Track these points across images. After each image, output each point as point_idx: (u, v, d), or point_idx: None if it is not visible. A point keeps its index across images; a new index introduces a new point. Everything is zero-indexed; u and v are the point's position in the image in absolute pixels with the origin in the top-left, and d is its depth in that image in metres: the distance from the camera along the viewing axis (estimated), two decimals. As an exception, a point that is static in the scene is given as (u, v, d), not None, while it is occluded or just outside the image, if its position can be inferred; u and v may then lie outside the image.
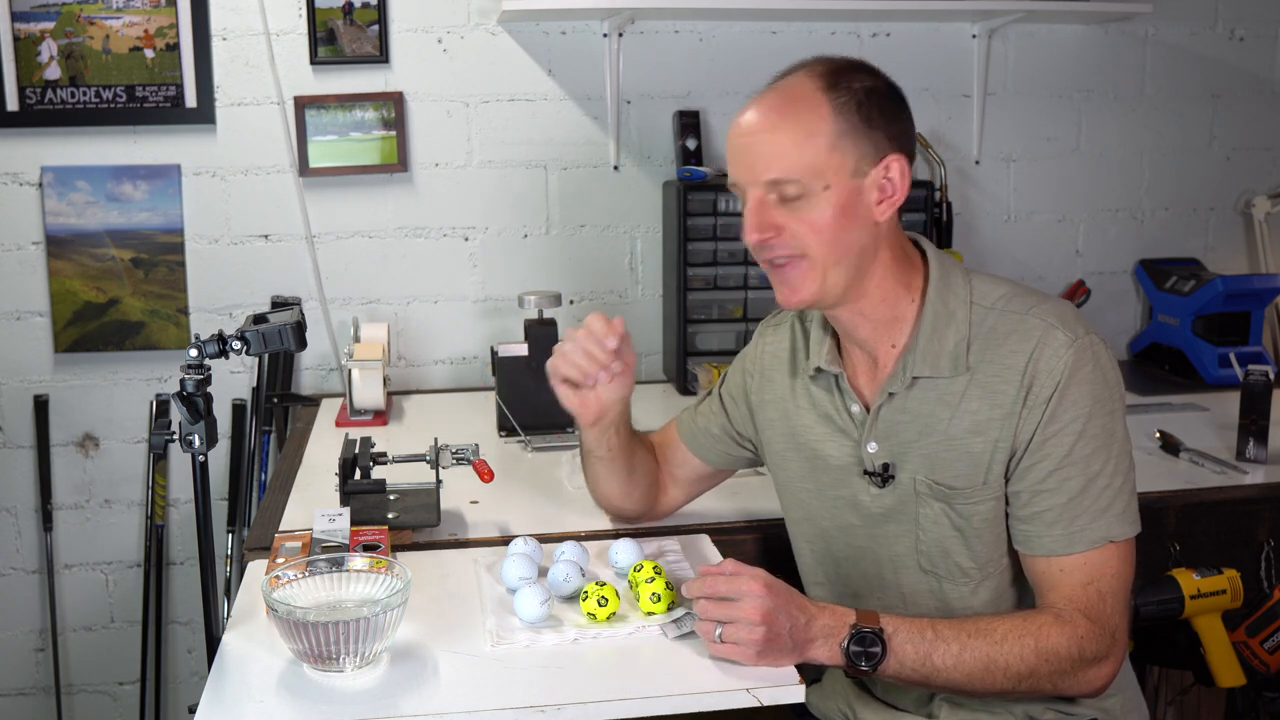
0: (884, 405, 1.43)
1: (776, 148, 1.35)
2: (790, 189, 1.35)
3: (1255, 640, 1.76)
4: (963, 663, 1.32)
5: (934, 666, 1.32)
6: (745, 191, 1.39)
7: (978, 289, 1.43)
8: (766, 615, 1.28)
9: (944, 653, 1.32)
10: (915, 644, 1.32)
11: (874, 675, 1.33)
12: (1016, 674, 1.32)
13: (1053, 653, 1.32)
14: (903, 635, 1.32)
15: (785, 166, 1.35)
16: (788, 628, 1.29)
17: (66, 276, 2.53)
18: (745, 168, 1.38)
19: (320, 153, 2.56)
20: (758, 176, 1.37)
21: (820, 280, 1.38)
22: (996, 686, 1.33)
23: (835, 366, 1.48)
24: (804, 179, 1.35)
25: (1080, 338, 1.36)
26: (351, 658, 1.28)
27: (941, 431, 1.40)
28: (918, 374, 1.41)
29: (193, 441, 1.40)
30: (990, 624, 1.35)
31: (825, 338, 1.51)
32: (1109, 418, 1.36)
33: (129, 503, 2.65)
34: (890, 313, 1.43)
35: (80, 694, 2.71)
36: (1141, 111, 2.86)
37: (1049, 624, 1.33)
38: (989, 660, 1.32)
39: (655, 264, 2.72)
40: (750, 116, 1.39)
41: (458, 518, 1.80)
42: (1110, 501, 1.35)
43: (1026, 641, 1.32)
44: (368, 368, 2.31)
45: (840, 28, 2.70)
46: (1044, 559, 1.37)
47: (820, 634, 1.32)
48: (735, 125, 1.40)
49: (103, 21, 2.46)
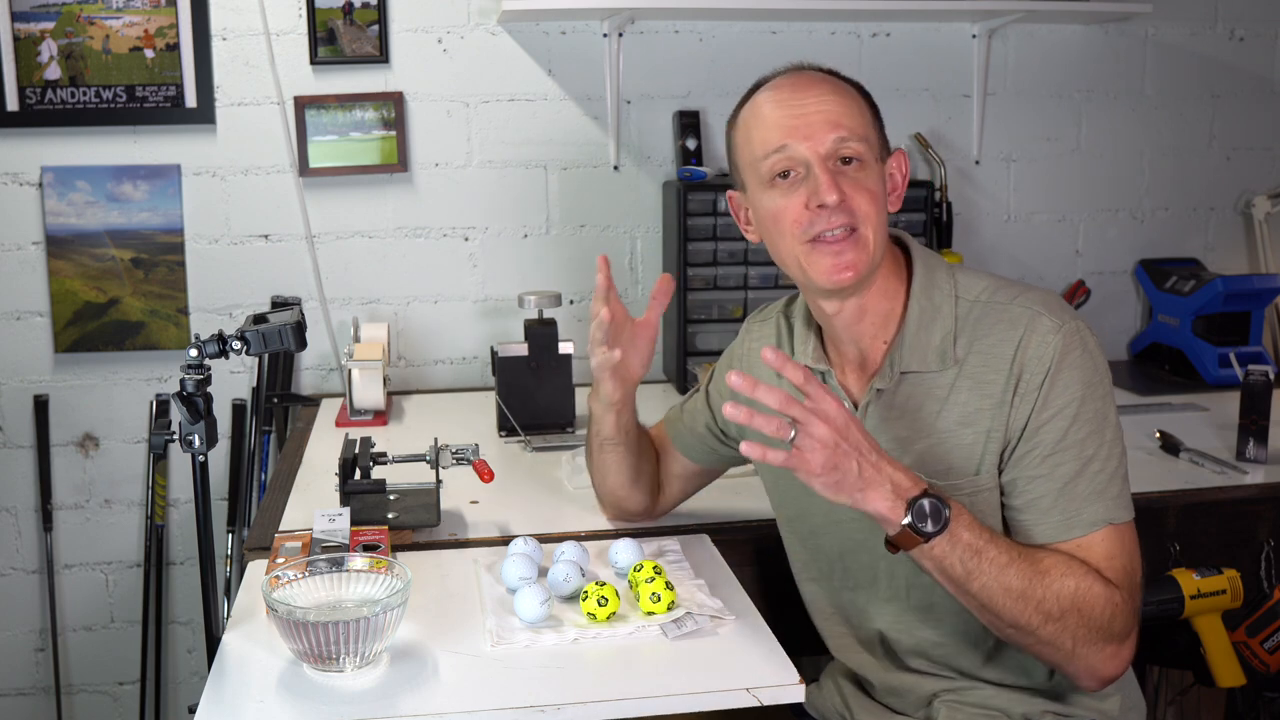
0: (872, 402, 1.43)
1: (842, 107, 1.35)
2: (855, 148, 1.35)
3: (1255, 640, 1.76)
4: (1005, 576, 1.27)
5: (980, 564, 1.27)
6: (807, 160, 1.35)
7: (961, 283, 1.43)
8: (840, 429, 1.23)
9: (995, 556, 1.27)
10: (973, 534, 1.27)
11: (924, 549, 1.27)
12: (1047, 612, 1.28)
13: (1089, 604, 1.28)
14: (965, 522, 1.27)
15: (853, 128, 1.35)
16: (857, 455, 1.24)
17: (66, 276, 2.53)
18: (807, 131, 1.34)
19: (320, 153, 2.56)
20: (826, 136, 1.34)
21: (870, 255, 1.36)
22: (1024, 617, 1.28)
23: (822, 364, 1.47)
24: (866, 146, 1.36)
25: (1066, 323, 1.35)
26: (351, 658, 1.28)
27: (931, 425, 1.39)
28: (905, 369, 1.40)
29: (193, 441, 1.40)
30: (1038, 554, 1.31)
31: (810, 335, 1.50)
32: (1101, 402, 1.35)
33: (129, 503, 2.65)
34: (886, 306, 1.43)
35: (80, 694, 2.71)
36: (1141, 111, 2.86)
37: (1093, 575, 1.29)
38: (1029, 585, 1.27)
39: (655, 264, 2.72)
40: (800, 87, 1.37)
41: (458, 518, 1.80)
42: (1105, 484, 1.33)
43: (1068, 581, 1.28)
44: (368, 368, 2.31)
45: (840, 28, 2.70)
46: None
47: (890, 481, 1.26)
48: (778, 99, 1.37)
49: (103, 21, 2.46)
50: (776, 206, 1.38)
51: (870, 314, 1.43)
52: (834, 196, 1.33)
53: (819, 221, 1.35)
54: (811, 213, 1.35)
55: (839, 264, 1.36)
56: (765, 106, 1.38)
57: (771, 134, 1.36)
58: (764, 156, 1.37)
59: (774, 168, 1.37)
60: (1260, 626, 1.76)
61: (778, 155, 1.36)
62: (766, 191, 1.39)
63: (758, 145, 1.38)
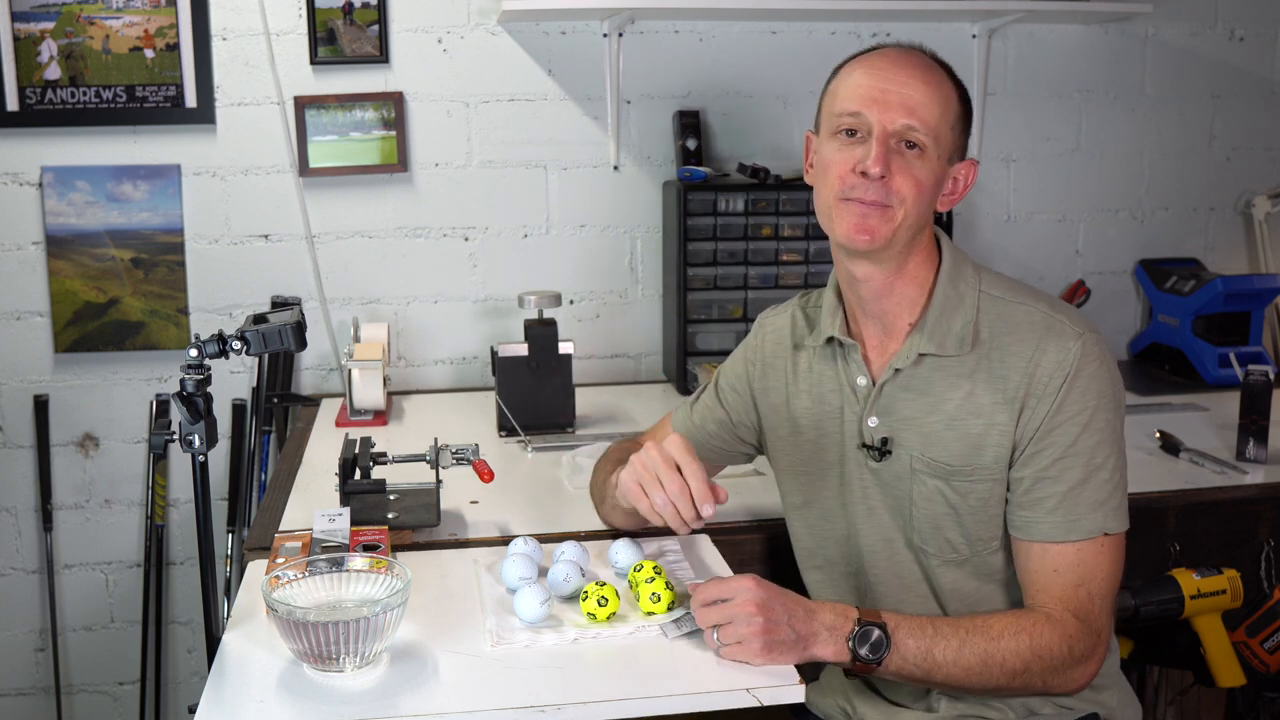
0: (889, 381, 1.47)
1: (925, 98, 1.39)
2: (920, 138, 1.38)
3: (1255, 640, 1.77)
4: (962, 658, 1.34)
5: (935, 661, 1.34)
6: (873, 128, 1.39)
7: (986, 279, 1.48)
8: (760, 605, 1.30)
9: (944, 647, 1.35)
10: (917, 639, 1.34)
11: (878, 671, 1.35)
12: (1011, 670, 1.35)
13: (1045, 650, 1.35)
14: (905, 630, 1.35)
15: (926, 120, 1.38)
16: (786, 619, 1.31)
17: (66, 276, 2.53)
18: (885, 106, 1.38)
19: (320, 153, 2.56)
20: (897, 118, 1.38)
21: (893, 231, 1.40)
22: (993, 682, 1.35)
23: (848, 337, 1.51)
24: (933, 140, 1.39)
25: (1086, 333, 1.40)
26: (351, 658, 1.28)
27: (941, 410, 1.43)
28: (924, 351, 1.44)
29: (193, 441, 1.40)
30: (987, 621, 1.37)
31: (839, 309, 1.53)
32: (1112, 414, 1.40)
33: (129, 503, 2.65)
34: (915, 291, 1.47)
35: (80, 694, 2.71)
36: (1141, 111, 2.86)
37: (1042, 622, 1.36)
38: (986, 655, 1.34)
39: (655, 264, 2.72)
40: (898, 64, 1.41)
41: (458, 518, 1.80)
42: (1108, 495, 1.39)
43: (1022, 639, 1.35)
44: (368, 368, 2.31)
45: (840, 28, 2.70)
46: (1040, 548, 1.39)
47: (824, 628, 1.33)
48: (875, 67, 1.41)
49: (103, 21, 2.46)
50: (831, 157, 1.43)
51: (898, 293, 1.46)
52: (877, 169, 1.38)
53: (858, 188, 1.40)
54: (855, 176, 1.39)
55: (860, 224, 1.40)
56: (860, 70, 1.43)
57: (854, 95, 1.41)
58: (840, 113, 1.42)
59: (843, 124, 1.42)
60: (1260, 626, 1.77)
61: (850, 116, 1.41)
62: (830, 140, 1.44)
63: (840, 100, 1.43)
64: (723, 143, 2.69)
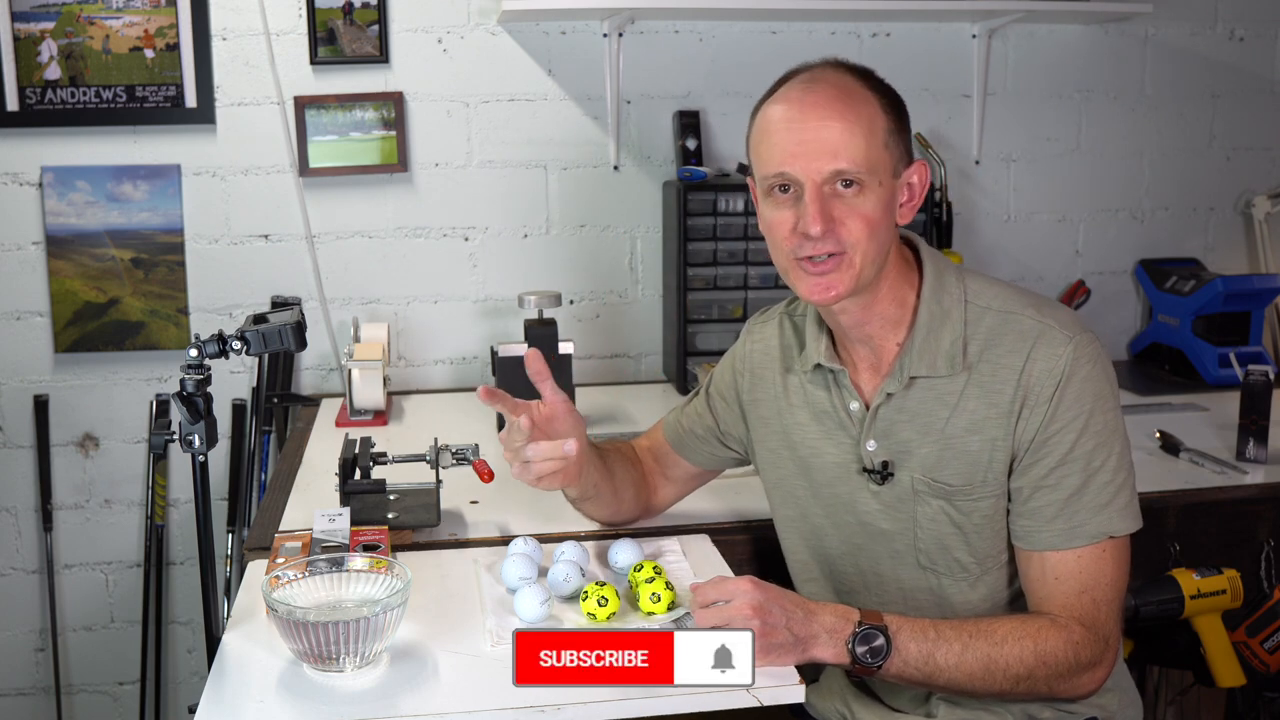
0: (882, 405, 1.44)
1: (845, 138, 1.34)
2: (853, 175, 1.34)
3: (1255, 640, 1.77)
4: (964, 662, 1.33)
5: (936, 665, 1.33)
6: (802, 184, 1.35)
7: (971, 288, 1.44)
8: (758, 608, 1.29)
9: (946, 652, 1.33)
10: (919, 642, 1.33)
11: (878, 674, 1.33)
12: (1015, 675, 1.33)
13: (1050, 656, 1.33)
14: (906, 634, 1.33)
15: (853, 157, 1.34)
16: (784, 621, 1.30)
17: (66, 276, 2.53)
18: (807, 159, 1.34)
19: (320, 153, 2.56)
20: (823, 166, 1.34)
21: (856, 277, 1.37)
22: (995, 687, 1.34)
23: (835, 364, 1.48)
24: (867, 172, 1.34)
25: (1076, 335, 1.38)
26: (351, 658, 1.28)
27: (939, 431, 1.41)
28: (915, 374, 1.42)
29: (193, 441, 1.40)
30: (990, 625, 1.36)
31: (821, 334, 1.51)
32: (1109, 414, 1.38)
33: (129, 503, 2.65)
34: (896, 309, 1.44)
35: (80, 694, 2.71)
36: (1141, 111, 2.86)
37: (1046, 628, 1.34)
38: (989, 660, 1.33)
39: (655, 264, 2.72)
40: (807, 108, 1.36)
41: (458, 518, 1.80)
42: (1111, 497, 1.36)
43: (1025, 644, 1.33)
44: (368, 368, 2.31)
45: (840, 28, 2.70)
46: (1040, 556, 1.38)
47: (824, 630, 1.32)
48: (786, 118, 1.37)
49: (103, 21, 2.46)
50: (771, 218, 1.40)
51: (878, 315, 1.44)
52: (817, 228, 1.34)
53: (805, 245, 1.37)
54: (799, 236, 1.37)
55: (820, 284, 1.38)
56: (775, 124, 1.38)
57: (774, 155, 1.38)
58: (765, 176, 1.40)
59: (773, 184, 1.39)
60: (1260, 626, 1.77)
61: (776, 176, 1.38)
62: (766, 199, 1.41)
63: (763, 160, 1.40)
64: (723, 143, 2.69)
